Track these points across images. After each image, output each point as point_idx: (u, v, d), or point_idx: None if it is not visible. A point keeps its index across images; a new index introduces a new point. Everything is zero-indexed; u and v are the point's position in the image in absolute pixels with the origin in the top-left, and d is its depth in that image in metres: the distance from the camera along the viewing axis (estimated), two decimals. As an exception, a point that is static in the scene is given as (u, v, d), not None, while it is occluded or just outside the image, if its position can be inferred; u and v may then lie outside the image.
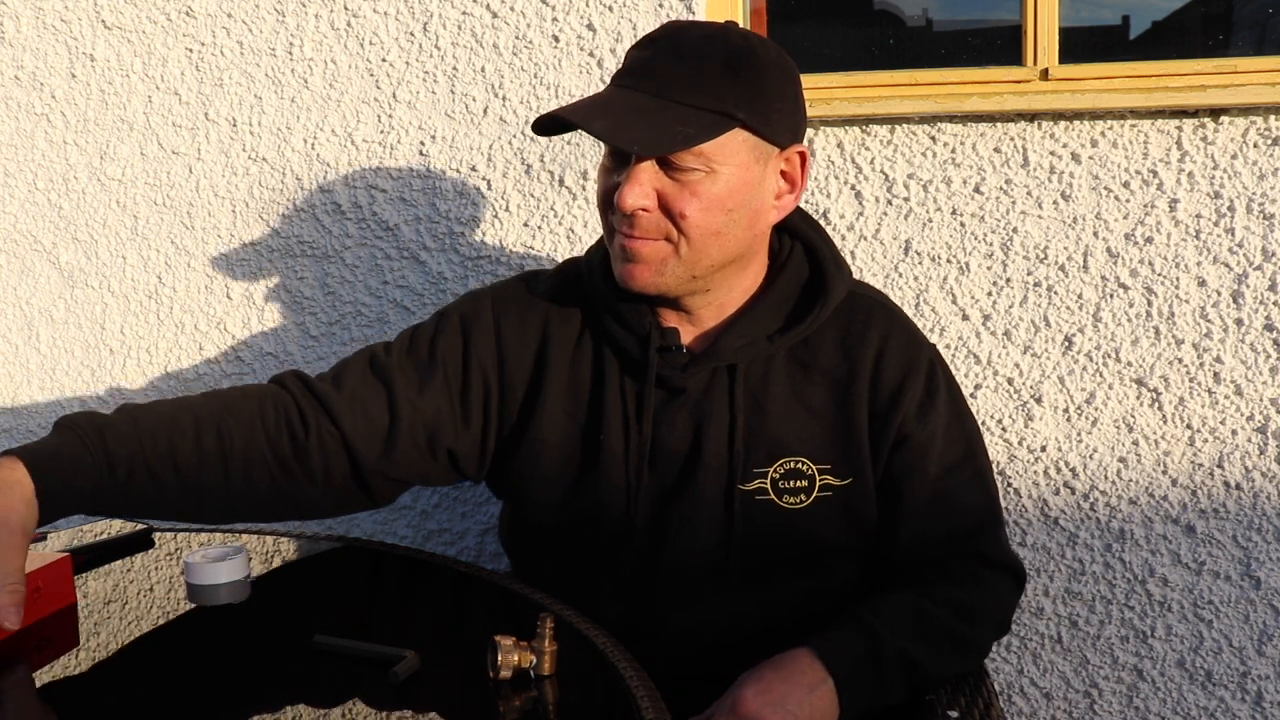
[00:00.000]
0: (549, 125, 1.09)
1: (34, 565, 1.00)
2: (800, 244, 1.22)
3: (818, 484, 1.16)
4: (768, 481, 1.16)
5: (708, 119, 1.05)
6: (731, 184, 1.08)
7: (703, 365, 1.16)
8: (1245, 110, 1.54)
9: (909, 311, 1.64)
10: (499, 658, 0.88)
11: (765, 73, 1.08)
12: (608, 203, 1.11)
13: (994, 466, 1.66)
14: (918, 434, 1.18)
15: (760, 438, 1.16)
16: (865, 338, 1.18)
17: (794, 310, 1.19)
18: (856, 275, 1.65)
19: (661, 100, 1.05)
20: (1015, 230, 1.61)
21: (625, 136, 1.04)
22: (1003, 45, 1.71)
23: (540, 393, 1.20)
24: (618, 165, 1.10)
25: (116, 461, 1.01)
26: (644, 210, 1.07)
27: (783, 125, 1.10)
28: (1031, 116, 1.59)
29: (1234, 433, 1.60)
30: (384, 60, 1.74)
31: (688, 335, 1.19)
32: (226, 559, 1.13)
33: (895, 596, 1.15)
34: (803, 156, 1.14)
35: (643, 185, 1.06)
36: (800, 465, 1.16)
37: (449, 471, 1.22)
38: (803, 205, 1.66)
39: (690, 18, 1.61)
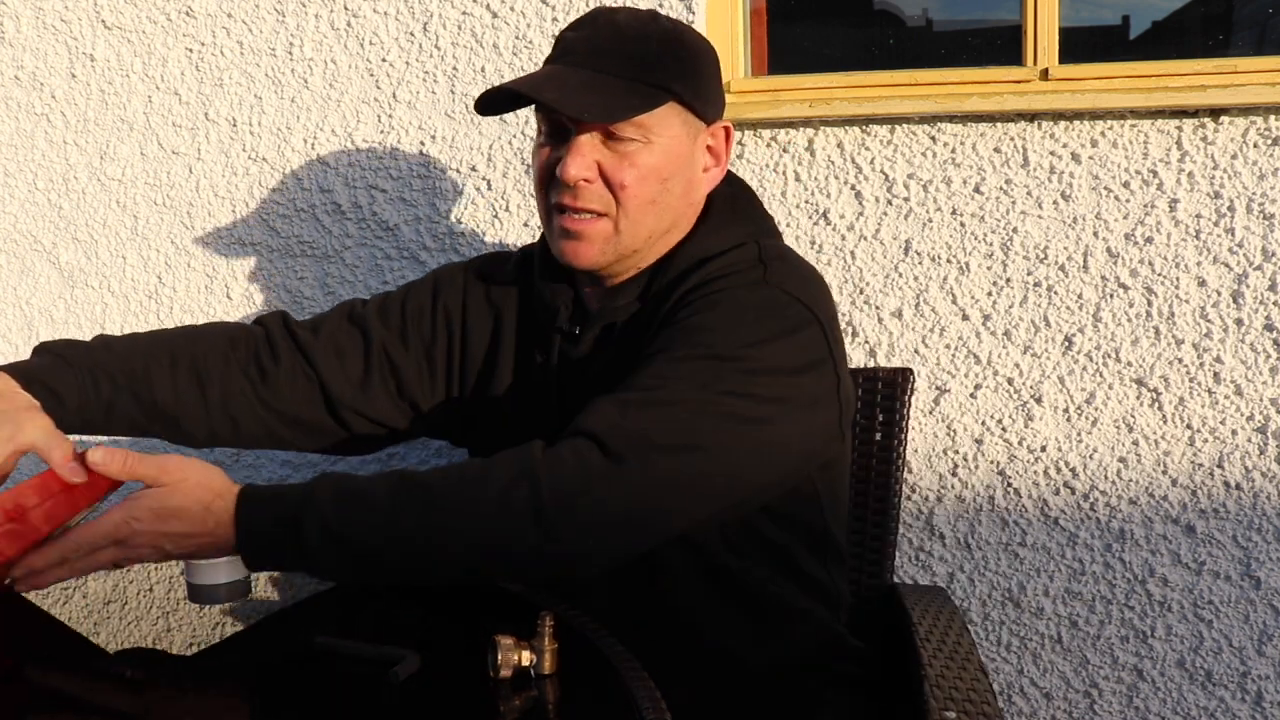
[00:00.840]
0: (490, 104, 1.14)
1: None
2: (706, 206, 1.22)
3: None
4: None
5: (647, 91, 1.11)
6: (667, 154, 1.13)
7: (590, 331, 1.18)
8: (1245, 110, 1.54)
9: (908, 312, 1.65)
10: (499, 657, 0.88)
11: (695, 53, 1.16)
12: (548, 179, 1.14)
13: (994, 467, 1.67)
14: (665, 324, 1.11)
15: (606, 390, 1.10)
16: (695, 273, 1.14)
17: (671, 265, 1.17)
18: (857, 275, 1.66)
19: (603, 75, 1.11)
20: (1015, 230, 1.61)
21: (576, 104, 1.09)
22: (1003, 45, 1.71)
23: (496, 367, 1.26)
24: (557, 141, 1.14)
25: (100, 379, 1.14)
26: (586, 181, 1.11)
27: (710, 102, 1.17)
28: (1031, 116, 1.59)
29: (1234, 433, 1.60)
30: (384, 60, 1.74)
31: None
32: (226, 559, 1.13)
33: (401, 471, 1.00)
34: (727, 131, 1.20)
35: (585, 156, 1.11)
36: None
37: (412, 419, 1.30)
38: (804, 206, 1.67)
39: (690, 18, 1.61)
